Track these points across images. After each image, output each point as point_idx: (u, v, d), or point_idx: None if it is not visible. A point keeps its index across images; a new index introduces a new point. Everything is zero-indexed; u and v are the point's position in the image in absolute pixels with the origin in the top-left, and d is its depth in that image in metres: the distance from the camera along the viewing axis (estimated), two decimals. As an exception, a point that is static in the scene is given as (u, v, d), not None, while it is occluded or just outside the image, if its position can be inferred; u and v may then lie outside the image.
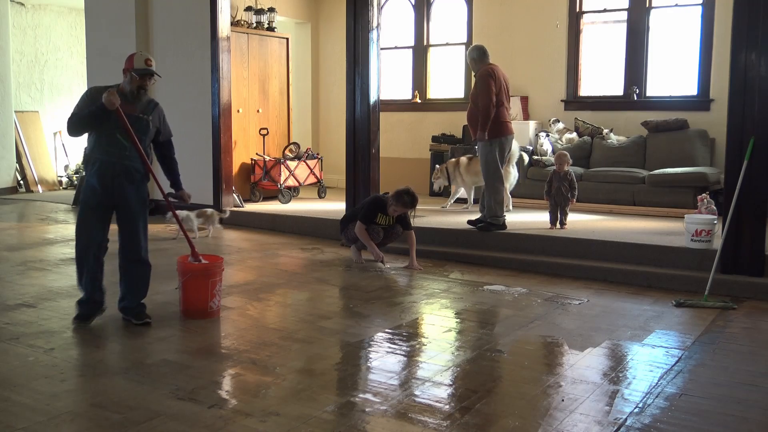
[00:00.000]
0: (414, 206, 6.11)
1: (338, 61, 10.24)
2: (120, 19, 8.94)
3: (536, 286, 5.52)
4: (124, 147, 4.19)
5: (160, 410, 3.10)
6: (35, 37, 11.65)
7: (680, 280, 5.44)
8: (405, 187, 6.09)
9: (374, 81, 7.18)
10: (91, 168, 4.26)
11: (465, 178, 8.13)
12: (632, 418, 3.07)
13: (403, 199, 6.01)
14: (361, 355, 3.95)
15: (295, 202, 9.00)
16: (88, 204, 4.23)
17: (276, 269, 6.09)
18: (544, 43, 9.11)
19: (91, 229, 4.23)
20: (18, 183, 11.13)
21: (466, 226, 6.84)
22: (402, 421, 3.02)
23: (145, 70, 4.20)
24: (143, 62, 4.21)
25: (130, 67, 4.22)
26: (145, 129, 4.28)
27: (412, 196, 6.04)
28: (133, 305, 4.35)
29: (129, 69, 4.21)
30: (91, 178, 4.22)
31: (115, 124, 4.12)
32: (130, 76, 4.20)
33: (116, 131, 4.15)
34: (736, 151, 5.28)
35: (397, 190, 6.07)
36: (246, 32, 9.09)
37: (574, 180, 6.78)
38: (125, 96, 4.18)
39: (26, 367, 3.63)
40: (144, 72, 4.20)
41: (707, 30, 8.18)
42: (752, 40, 5.17)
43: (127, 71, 4.22)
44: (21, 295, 5.05)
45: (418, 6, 10.30)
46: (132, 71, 4.19)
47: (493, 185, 6.64)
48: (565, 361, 3.92)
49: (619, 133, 8.65)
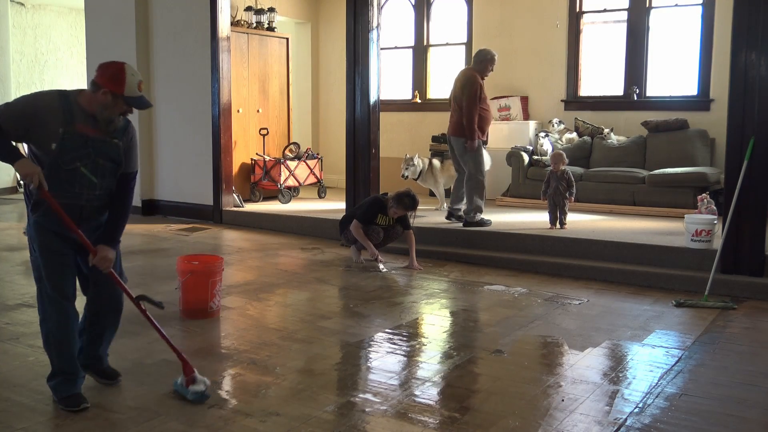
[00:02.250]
0: (414, 209, 6.13)
1: (338, 61, 10.24)
2: (120, 19, 8.94)
3: (536, 286, 5.52)
4: (93, 185, 3.08)
5: (160, 410, 3.10)
6: (35, 37, 11.65)
7: (680, 280, 5.44)
8: (405, 189, 6.15)
9: (374, 81, 7.17)
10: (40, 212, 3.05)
11: (439, 179, 8.16)
12: (632, 418, 3.07)
13: (403, 201, 6.03)
14: (361, 355, 3.95)
15: (295, 202, 9.00)
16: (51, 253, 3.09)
17: (276, 269, 6.09)
18: (544, 43, 9.11)
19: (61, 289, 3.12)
20: (18, 183, 11.13)
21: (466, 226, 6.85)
22: (402, 421, 3.02)
23: (139, 100, 3.10)
24: (136, 87, 3.05)
25: (115, 89, 3.00)
26: (116, 157, 3.13)
27: (412, 199, 6.06)
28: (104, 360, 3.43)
29: (113, 91, 3.00)
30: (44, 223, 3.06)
31: (79, 153, 3.00)
32: (112, 99, 3.00)
33: (80, 162, 3.02)
34: (736, 151, 5.28)
35: (398, 192, 6.08)
36: (246, 32, 9.08)
37: (572, 179, 6.78)
38: (90, 118, 3.03)
39: (26, 367, 3.63)
40: (137, 103, 3.09)
41: (707, 30, 8.17)
42: (752, 40, 5.17)
43: (109, 93, 3.00)
44: (21, 295, 5.05)
45: (418, 6, 10.30)
46: (120, 97, 3.01)
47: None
48: (565, 361, 3.92)
49: (619, 133, 8.65)
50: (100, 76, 3.04)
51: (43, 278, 3.11)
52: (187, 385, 3.22)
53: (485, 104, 6.90)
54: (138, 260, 6.38)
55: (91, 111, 3.04)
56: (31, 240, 3.16)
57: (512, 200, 8.48)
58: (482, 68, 6.91)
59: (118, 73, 3.03)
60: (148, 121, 8.84)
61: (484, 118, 6.87)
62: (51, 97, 3.03)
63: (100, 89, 3.01)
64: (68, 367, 3.16)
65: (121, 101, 3.03)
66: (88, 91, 3.08)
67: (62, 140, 2.98)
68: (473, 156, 6.85)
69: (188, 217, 8.61)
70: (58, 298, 3.12)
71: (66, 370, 3.16)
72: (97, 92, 3.02)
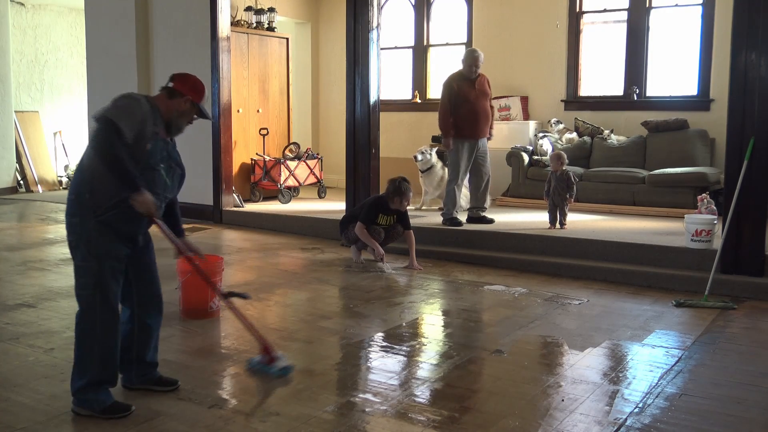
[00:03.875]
0: (410, 191, 6.20)
1: (338, 61, 10.24)
2: (120, 19, 8.94)
3: (536, 286, 5.52)
4: (167, 187, 3.15)
5: (160, 410, 3.10)
6: (35, 37, 11.64)
7: (680, 280, 5.44)
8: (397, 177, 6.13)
9: (374, 81, 7.17)
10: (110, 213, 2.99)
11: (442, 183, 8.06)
12: (632, 418, 3.07)
13: (401, 186, 6.03)
14: (361, 355, 3.95)
15: (295, 202, 9.00)
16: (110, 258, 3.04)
17: (276, 269, 6.09)
18: (544, 43, 9.11)
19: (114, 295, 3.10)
20: (18, 183, 11.13)
21: (466, 226, 6.85)
22: (402, 421, 3.02)
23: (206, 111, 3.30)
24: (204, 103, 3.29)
25: (195, 98, 3.20)
26: (181, 162, 3.26)
27: (407, 181, 6.13)
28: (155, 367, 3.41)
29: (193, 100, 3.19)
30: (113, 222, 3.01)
31: (161, 156, 3.08)
32: (190, 107, 3.19)
33: (162, 164, 3.09)
34: (736, 151, 5.28)
35: (391, 183, 6.06)
36: (246, 32, 9.08)
37: (572, 180, 6.77)
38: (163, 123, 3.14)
39: (26, 367, 3.63)
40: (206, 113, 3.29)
41: (707, 30, 8.17)
42: (752, 40, 5.17)
43: (189, 101, 3.18)
44: (21, 295, 5.06)
45: (418, 6, 10.30)
46: (196, 106, 3.20)
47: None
48: (565, 361, 3.92)
49: (619, 133, 8.65)
50: (181, 85, 3.16)
51: (98, 285, 3.01)
52: (270, 363, 3.27)
53: (470, 104, 6.88)
54: (138, 260, 6.38)
55: (167, 117, 3.13)
56: (87, 245, 2.99)
57: (512, 200, 8.48)
58: (465, 68, 6.99)
59: (197, 83, 3.22)
60: (148, 121, 8.83)
61: (464, 117, 6.88)
62: (143, 100, 3.08)
63: (182, 97, 3.15)
64: (110, 376, 3.11)
65: (196, 110, 3.20)
66: (164, 97, 3.16)
67: (154, 142, 3.04)
68: (451, 158, 7.04)
69: (188, 217, 8.59)
70: (112, 305, 3.07)
71: (106, 379, 3.10)
72: (176, 99, 3.14)
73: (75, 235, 3.01)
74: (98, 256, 3.00)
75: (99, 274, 3.01)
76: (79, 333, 3.07)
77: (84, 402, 3.05)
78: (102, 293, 3.02)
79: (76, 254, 3.03)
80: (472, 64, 6.94)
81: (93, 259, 3.00)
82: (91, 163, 2.98)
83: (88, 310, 3.04)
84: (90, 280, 3.02)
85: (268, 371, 3.29)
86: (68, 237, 3.06)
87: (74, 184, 3.04)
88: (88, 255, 3.00)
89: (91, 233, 2.98)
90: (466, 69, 6.97)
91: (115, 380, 3.14)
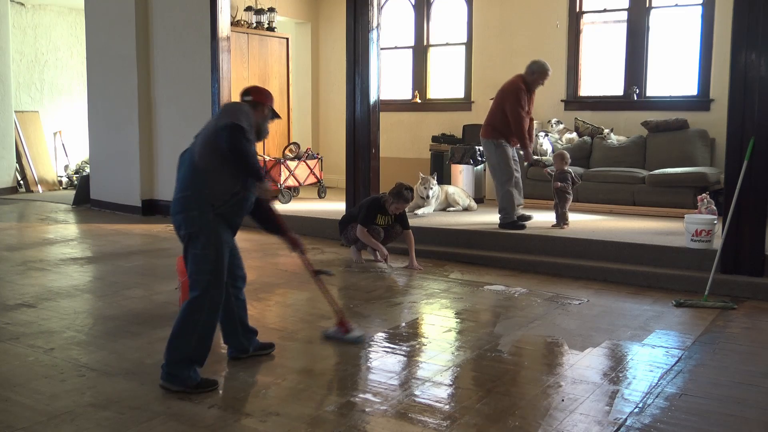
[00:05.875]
0: (412, 199, 6.27)
1: (338, 61, 10.24)
2: (120, 19, 8.94)
3: (536, 286, 5.52)
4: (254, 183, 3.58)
5: (160, 410, 3.10)
6: (35, 37, 11.64)
7: (680, 280, 5.44)
8: (400, 183, 6.13)
9: (374, 81, 7.17)
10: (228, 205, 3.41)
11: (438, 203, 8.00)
12: (632, 418, 3.07)
13: (403, 195, 6.03)
14: (361, 355, 3.95)
15: (295, 202, 8.99)
16: (225, 245, 3.43)
17: (276, 269, 6.09)
18: (544, 43, 9.10)
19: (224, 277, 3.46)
20: (18, 183, 11.13)
21: (466, 226, 6.86)
22: (402, 421, 3.02)
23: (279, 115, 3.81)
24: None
25: (270, 104, 3.66)
26: None
27: (411, 190, 6.15)
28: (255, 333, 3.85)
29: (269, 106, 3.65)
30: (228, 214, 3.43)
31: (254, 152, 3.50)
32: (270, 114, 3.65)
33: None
34: (736, 151, 5.28)
35: (395, 188, 6.07)
36: (246, 32, 9.09)
37: (569, 181, 6.76)
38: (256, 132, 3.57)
39: (26, 367, 3.63)
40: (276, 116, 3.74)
41: (707, 30, 8.17)
42: (752, 40, 5.17)
43: (266, 107, 3.62)
44: (21, 295, 5.05)
45: (418, 6, 10.30)
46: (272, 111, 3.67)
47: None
48: (565, 361, 3.92)
49: (619, 133, 8.65)
50: (259, 96, 3.61)
51: (214, 270, 3.34)
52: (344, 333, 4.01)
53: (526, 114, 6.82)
54: (138, 260, 6.39)
55: (256, 125, 3.54)
56: (207, 235, 3.31)
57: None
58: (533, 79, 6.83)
59: (268, 91, 3.71)
60: (148, 121, 8.83)
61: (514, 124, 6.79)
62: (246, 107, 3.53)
63: (264, 105, 3.59)
64: (203, 355, 3.38)
65: (271, 114, 3.65)
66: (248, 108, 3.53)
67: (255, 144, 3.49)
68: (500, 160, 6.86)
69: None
70: (222, 287, 3.40)
71: (201, 358, 3.37)
72: (260, 109, 3.57)
73: (195, 227, 3.33)
74: (216, 244, 3.35)
75: (216, 260, 3.35)
76: (187, 313, 3.34)
77: (174, 378, 3.29)
78: (216, 277, 3.35)
79: (196, 244, 3.33)
80: (543, 79, 6.82)
81: (212, 247, 3.34)
82: (206, 162, 3.33)
83: (203, 293, 3.33)
84: (208, 267, 3.34)
85: (343, 338, 3.99)
86: (185, 230, 3.36)
87: (188, 182, 3.38)
88: (207, 243, 3.32)
89: (210, 224, 3.33)
90: (533, 80, 6.81)
91: (203, 361, 3.38)
